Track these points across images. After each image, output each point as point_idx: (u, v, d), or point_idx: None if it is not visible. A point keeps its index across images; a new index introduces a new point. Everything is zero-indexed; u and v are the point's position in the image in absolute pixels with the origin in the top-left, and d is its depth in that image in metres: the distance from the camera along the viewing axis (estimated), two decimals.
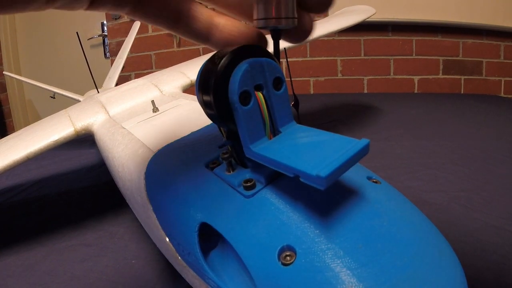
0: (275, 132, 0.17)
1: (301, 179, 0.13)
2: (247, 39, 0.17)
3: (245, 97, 0.15)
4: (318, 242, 0.14)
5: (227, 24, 0.16)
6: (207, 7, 0.17)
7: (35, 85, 0.95)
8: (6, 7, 0.12)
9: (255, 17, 0.16)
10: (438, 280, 0.13)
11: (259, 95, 0.16)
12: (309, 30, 0.16)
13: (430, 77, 1.22)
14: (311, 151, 0.14)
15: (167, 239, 0.20)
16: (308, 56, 1.27)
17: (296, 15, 0.16)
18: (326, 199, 0.15)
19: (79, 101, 0.65)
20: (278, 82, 0.16)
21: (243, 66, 0.15)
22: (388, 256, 0.13)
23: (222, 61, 0.15)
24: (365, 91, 1.28)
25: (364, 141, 0.14)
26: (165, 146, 0.24)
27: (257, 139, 0.16)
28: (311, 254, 0.14)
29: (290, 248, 0.14)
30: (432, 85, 1.22)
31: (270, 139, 0.16)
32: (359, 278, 0.13)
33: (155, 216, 0.21)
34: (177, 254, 0.19)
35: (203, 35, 0.16)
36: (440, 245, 0.15)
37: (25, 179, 0.57)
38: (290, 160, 0.14)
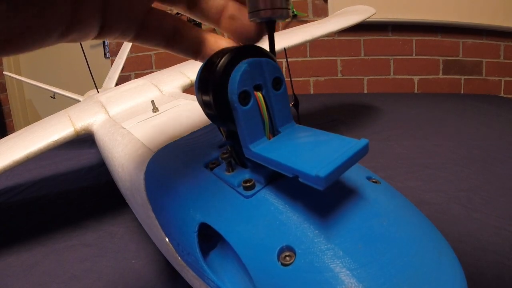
0: (274, 132, 0.17)
1: (300, 180, 0.13)
2: None
3: (245, 97, 0.15)
4: (318, 243, 0.14)
5: (216, 41, 0.18)
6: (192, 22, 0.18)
7: (35, 85, 0.95)
8: (25, 46, 0.12)
9: (248, 10, 0.16)
10: (438, 280, 0.13)
11: (259, 95, 0.16)
12: (249, 34, 0.17)
13: (430, 77, 1.22)
14: (310, 151, 0.14)
15: (167, 239, 0.20)
16: (308, 56, 1.27)
17: (289, 6, 0.16)
18: (325, 199, 0.15)
19: (79, 101, 0.65)
20: (278, 82, 0.16)
21: (242, 66, 0.15)
22: (388, 256, 0.13)
23: (222, 61, 0.15)
24: (365, 91, 1.28)
25: (363, 141, 0.14)
26: (165, 146, 0.24)
27: (257, 139, 0.16)
28: (310, 254, 0.14)
29: (289, 248, 0.14)
30: (432, 85, 1.22)
31: (270, 139, 0.16)
32: (358, 279, 0.13)
33: (154, 216, 0.21)
34: (177, 254, 0.19)
35: (194, 51, 0.18)
36: (440, 245, 0.15)
37: (25, 179, 0.57)
38: (289, 160, 0.14)
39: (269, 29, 0.17)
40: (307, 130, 0.16)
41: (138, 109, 0.37)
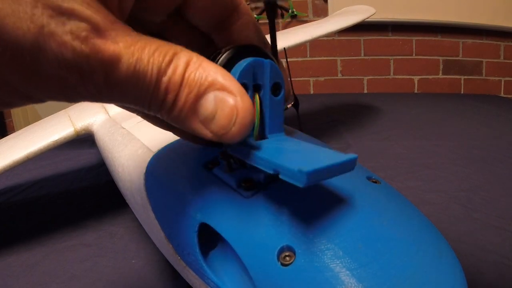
0: (262, 137, 0.16)
1: (281, 176, 0.12)
2: None
3: None
4: (318, 243, 0.14)
5: None
6: None
7: None
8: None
9: None
10: (438, 280, 0.13)
11: (256, 96, 0.15)
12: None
13: (430, 77, 1.22)
14: (296, 154, 0.14)
15: (167, 240, 0.20)
16: (308, 56, 1.27)
17: None
18: (325, 199, 0.15)
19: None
20: (277, 87, 0.16)
21: (247, 61, 0.15)
22: (388, 256, 0.13)
23: (223, 56, 0.15)
24: (365, 91, 1.28)
25: (351, 155, 0.13)
26: (165, 146, 0.24)
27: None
28: (310, 254, 0.14)
29: (289, 248, 0.14)
30: (432, 85, 1.22)
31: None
32: (358, 278, 0.13)
33: (154, 216, 0.21)
34: (177, 254, 0.19)
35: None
36: (440, 245, 0.15)
37: (25, 179, 0.57)
38: (272, 156, 0.13)
39: (270, 11, 0.16)
40: (296, 142, 0.16)
41: None
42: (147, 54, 0.11)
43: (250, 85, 0.15)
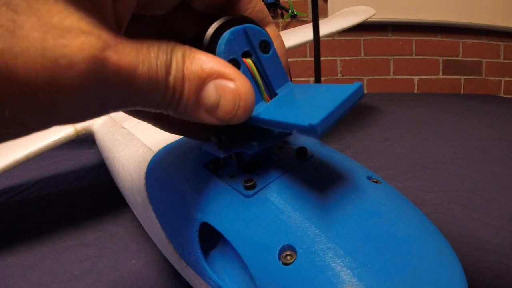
0: (271, 94, 0.16)
1: (297, 132, 0.13)
2: None
3: (234, 66, 0.15)
4: (319, 242, 0.14)
5: None
6: None
7: None
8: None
9: None
10: (438, 279, 0.13)
11: (248, 61, 0.15)
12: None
13: (430, 77, 1.22)
14: (305, 106, 0.14)
15: (167, 239, 0.20)
16: (308, 56, 1.27)
17: None
18: (326, 199, 0.15)
19: None
20: (265, 45, 0.16)
21: (225, 36, 0.15)
22: (388, 255, 0.13)
23: (205, 37, 0.15)
24: (365, 91, 1.28)
25: (355, 85, 0.13)
26: (165, 146, 0.24)
27: (255, 104, 0.16)
28: (311, 253, 0.14)
29: (290, 247, 0.14)
30: (432, 85, 1.22)
31: (268, 101, 0.16)
32: (359, 278, 0.13)
33: (155, 216, 0.21)
34: (177, 254, 0.19)
35: (183, 129, 0.18)
36: (440, 245, 0.15)
37: (25, 179, 0.57)
38: (286, 117, 0.13)
39: (313, 9, 0.16)
40: (304, 87, 0.16)
41: None
42: (154, 58, 0.11)
43: (239, 56, 0.15)
